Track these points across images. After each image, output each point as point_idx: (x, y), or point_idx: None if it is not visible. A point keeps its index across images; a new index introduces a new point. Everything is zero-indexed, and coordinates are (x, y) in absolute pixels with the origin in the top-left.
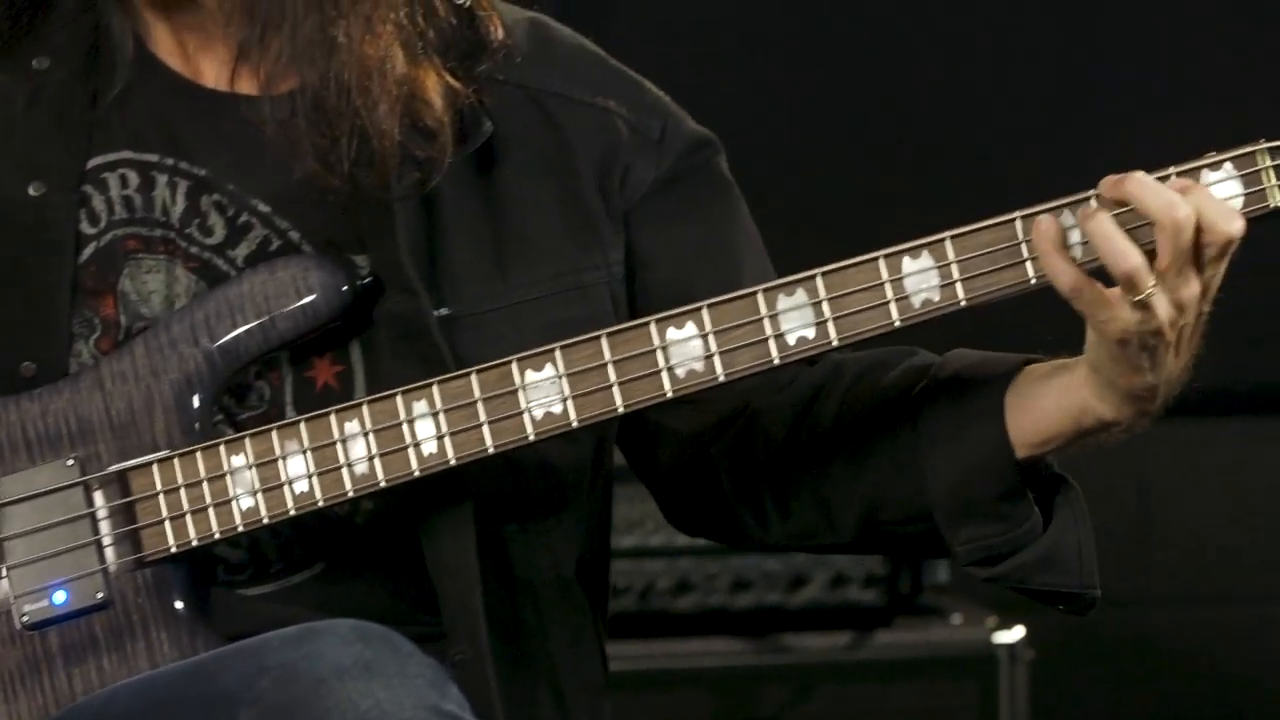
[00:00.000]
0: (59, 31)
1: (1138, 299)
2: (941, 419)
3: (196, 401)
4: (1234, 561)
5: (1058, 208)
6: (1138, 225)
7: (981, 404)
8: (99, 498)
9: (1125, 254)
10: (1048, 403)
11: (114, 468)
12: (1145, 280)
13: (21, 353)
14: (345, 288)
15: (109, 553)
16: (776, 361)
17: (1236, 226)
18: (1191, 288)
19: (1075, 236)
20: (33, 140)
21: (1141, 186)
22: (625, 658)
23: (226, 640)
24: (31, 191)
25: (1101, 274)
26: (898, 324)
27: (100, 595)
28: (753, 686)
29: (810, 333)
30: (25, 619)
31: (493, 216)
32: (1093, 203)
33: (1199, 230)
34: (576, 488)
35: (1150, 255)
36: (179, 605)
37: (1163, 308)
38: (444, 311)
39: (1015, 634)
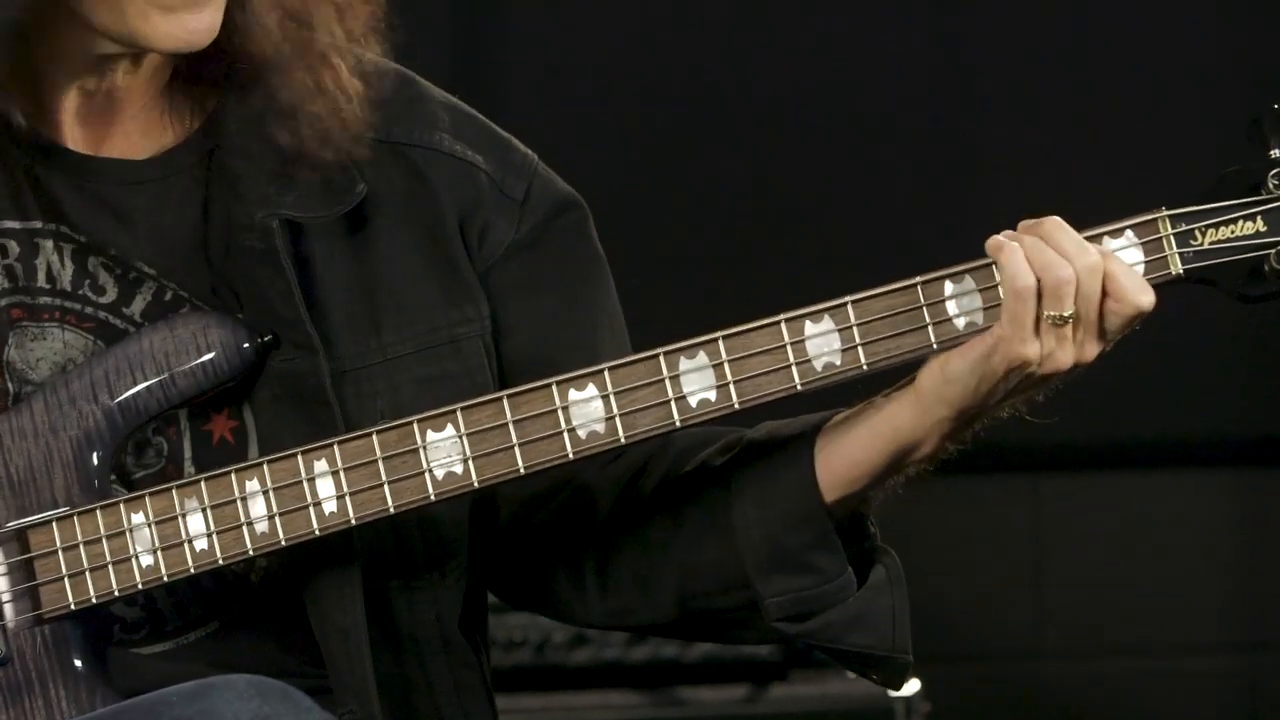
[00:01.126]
0: None
1: (1060, 315)
2: (751, 473)
3: (95, 459)
4: (1127, 614)
5: (959, 273)
6: None
7: (790, 453)
8: None
9: (1059, 264)
10: (859, 431)
11: (12, 525)
12: (1069, 298)
13: None
14: (246, 345)
15: (7, 610)
16: (678, 424)
17: (1146, 299)
18: (1089, 350)
19: (960, 305)
20: None
21: (1031, 246)
22: (521, 711)
23: (125, 697)
24: None
25: None
26: (799, 387)
27: None
28: None
29: (712, 395)
30: None
31: (364, 273)
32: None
33: (1105, 296)
34: (457, 542)
35: None
36: (77, 663)
37: (1067, 351)
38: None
39: (911, 687)
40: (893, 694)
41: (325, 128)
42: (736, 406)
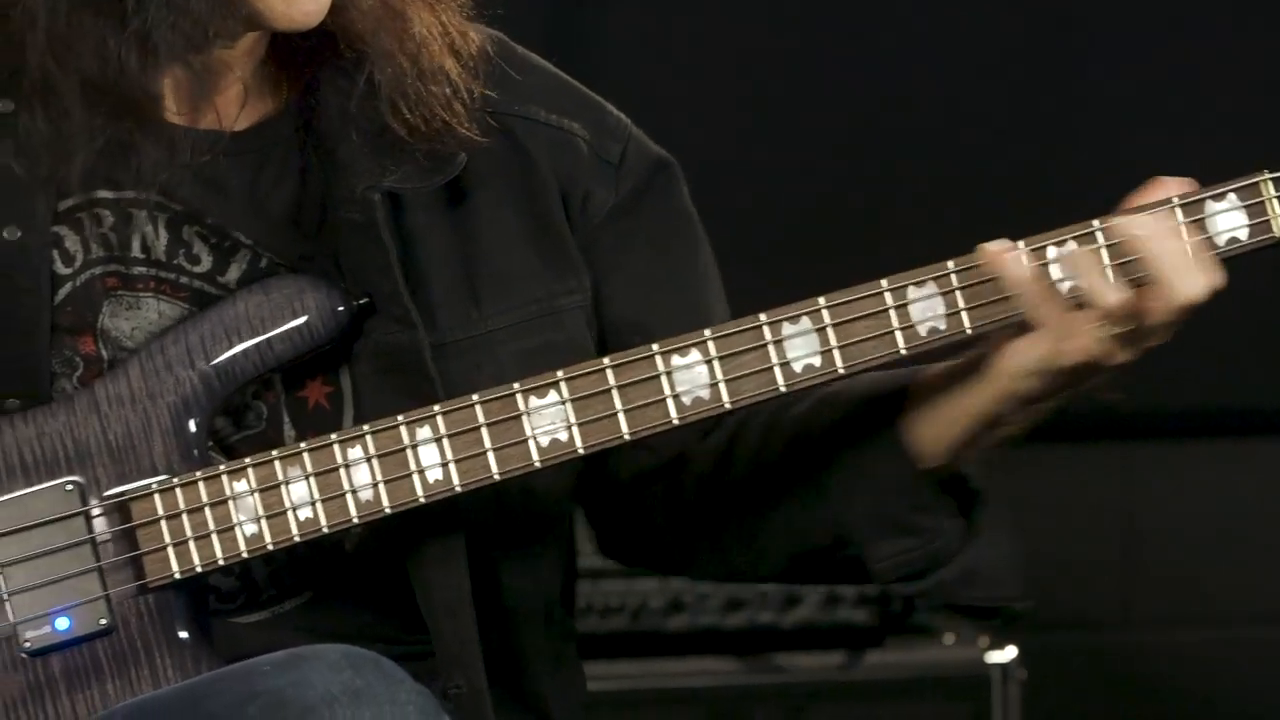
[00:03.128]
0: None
1: (1107, 333)
2: (845, 440)
3: (193, 425)
4: (1222, 582)
5: (1061, 239)
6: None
7: (880, 419)
8: (100, 523)
9: (1107, 291)
10: (941, 410)
11: (113, 492)
12: (1124, 321)
13: (5, 390)
14: (341, 309)
15: (111, 579)
16: (783, 389)
17: (1199, 285)
18: (1151, 339)
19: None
20: (7, 184)
21: (1158, 237)
22: (617, 677)
23: (224, 664)
24: (6, 235)
25: None
26: (904, 352)
27: (103, 621)
28: (745, 706)
29: (816, 360)
30: (28, 645)
31: (465, 245)
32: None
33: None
34: (558, 515)
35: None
36: (182, 632)
37: (1130, 351)
38: (421, 338)
39: (1008, 654)
40: (989, 661)
41: (423, 100)
42: (841, 371)
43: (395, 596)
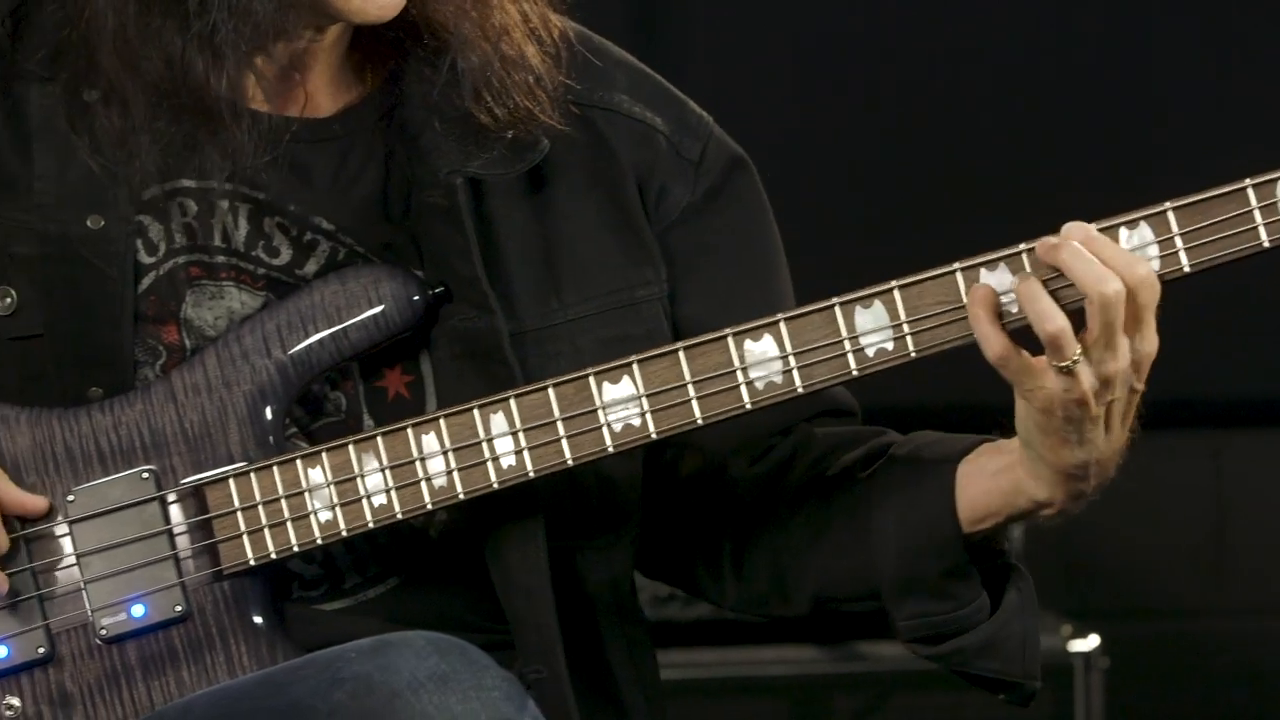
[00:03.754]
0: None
1: (1062, 365)
2: (893, 495)
3: (269, 413)
4: None
5: (1133, 220)
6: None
7: (932, 481)
8: (175, 511)
9: (1050, 317)
10: (986, 481)
11: (189, 481)
12: (1070, 346)
13: (88, 379)
14: (417, 298)
15: (186, 566)
16: (855, 373)
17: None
18: (1119, 361)
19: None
20: (89, 174)
21: (1073, 256)
22: (700, 665)
23: (304, 652)
24: (90, 224)
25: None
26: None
27: (179, 609)
28: (827, 694)
29: (889, 344)
30: (104, 632)
31: (545, 233)
32: (1024, 260)
33: (1130, 296)
34: (631, 504)
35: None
36: (257, 619)
37: (1086, 377)
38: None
39: (1090, 642)
40: (1071, 650)
41: (505, 87)
42: (913, 355)
43: (478, 584)
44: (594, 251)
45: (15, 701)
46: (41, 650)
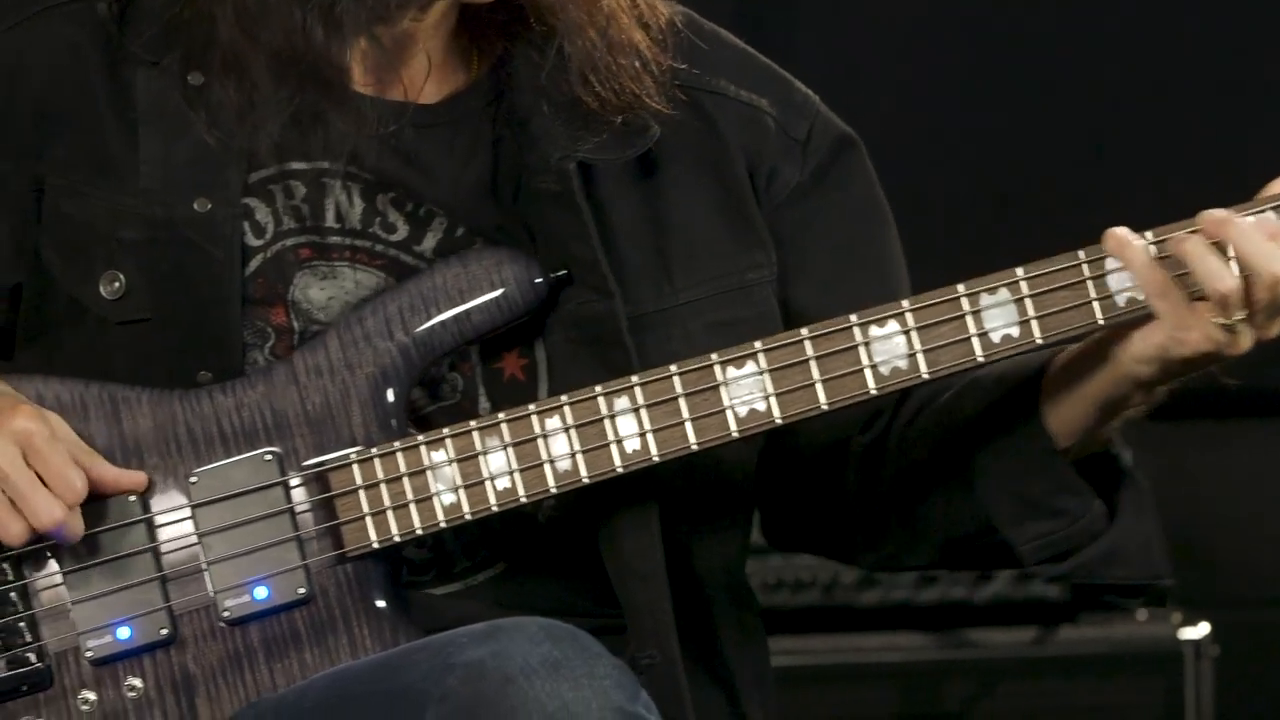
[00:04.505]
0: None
1: (1224, 323)
2: (984, 425)
3: (391, 395)
4: None
5: (1261, 209)
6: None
7: (1018, 403)
8: (298, 494)
9: (1221, 274)
10: (1077, 385)
11: (312, 463)
12: (1238, 306)
13: (198, 363)
14: (539, 280)
15: (310, 548)
16: (981, 359)
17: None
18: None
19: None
20: (195, 157)
21: (1243, 234)
22: (810, 652)
23: (427, 635)
24: (196, 208)
25: None
26: (1101, 321)
27: (301, 591)
28: (936, 682)
29: (1014, 331)
30: (226, 614)
31: (655, 217)
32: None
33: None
34: (745, 490)
35: None
36: (380, 601)
37: (1246, 339)
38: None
39: (1200, 630)
40: (1181, 637)
41: (612, 72)
42: (1039, 341)
43: (587, 569)
44: (704, 235)
45: (137, 683)
46: (164, 632)
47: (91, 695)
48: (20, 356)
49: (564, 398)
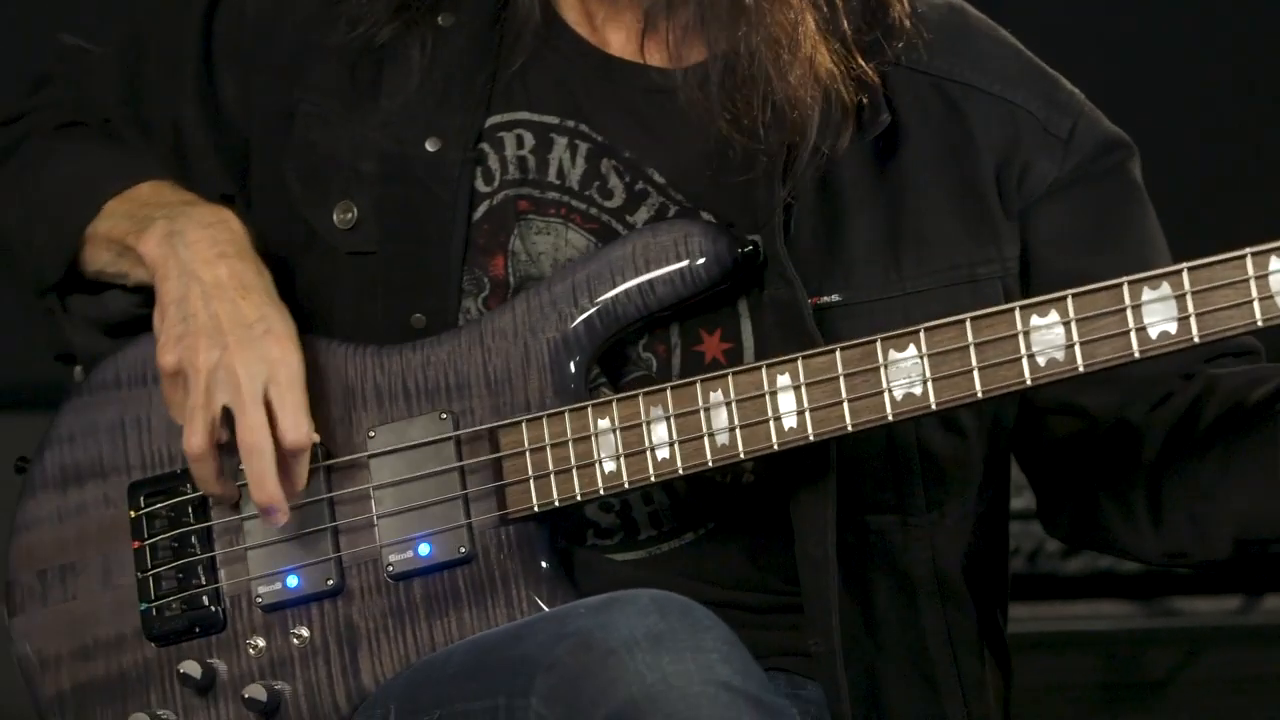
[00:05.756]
0: None
1: None
2: None
3: (572, 364)
4: None
5: None
6: None
7: None
8: (469, 452)
9: None
10: None
11: (486, 425)
12: None
13: (413, 304)
14: (725, 254)
15: (475, 508)
16: (1137, 355)
17: None
18: None
19: None
20: (433, 97)
21: None
22: (1014, 620)
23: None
24: (429, 147)
25: None
26: (1260, 323)
27: (463, 550)
28: (1139, 650)
29: (1172, 327)
30: (390, 569)
31: (890, 204)
32: None
33: None
34: (960, 485)
35: None
36: (542, 564)
37: None
38: (834, 298)
39: None
40: None
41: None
42: (1196, 340)
43: (776, 544)
44: (939, 225)
45: (304, 632)
46: (330, 582)
47: (261, 641)
48: None
49: (729, 370)
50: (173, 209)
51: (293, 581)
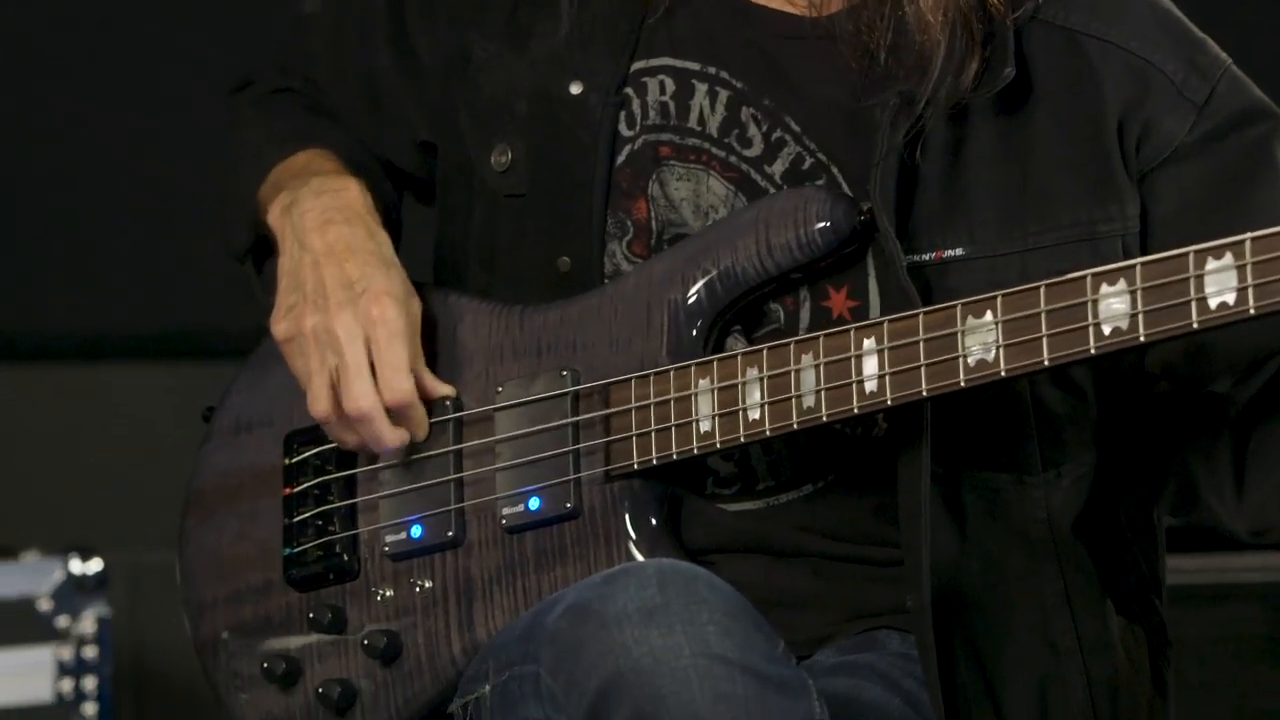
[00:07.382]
0: None
1: None
2: None
3: (693, 329)
4: None
5: None
6: None
7: None
8: (583, 408)
9: None
10: None
11: (599, 383)
12: None
13: (559, 248)
14: (844, 221)
15: (583, 463)
16: (1195, 326)
17: None
18: None
19: None
20: (579, 40)
21: None
22: (1179, 571)
23: (685, 557)
24: (573, 90)
25: None
26: None
27: (569, 505)
28: None
29: (1230, 298)
30: (504, 522)
31: (1016, 158)
32: None
33: None
34: (1076, 446)
35: None
36: (649, 520)
37: None
38: (958, 252)
39: None
40: None
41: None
42: (1252, 311)
43: (890, 499)
44: (1063, 180)
45: (427, 583)
46: (450, 533)
47: (389, 591)
48: (438, 217)
49: (821, 333)
50: (301, 180)
51: (416, 531)
